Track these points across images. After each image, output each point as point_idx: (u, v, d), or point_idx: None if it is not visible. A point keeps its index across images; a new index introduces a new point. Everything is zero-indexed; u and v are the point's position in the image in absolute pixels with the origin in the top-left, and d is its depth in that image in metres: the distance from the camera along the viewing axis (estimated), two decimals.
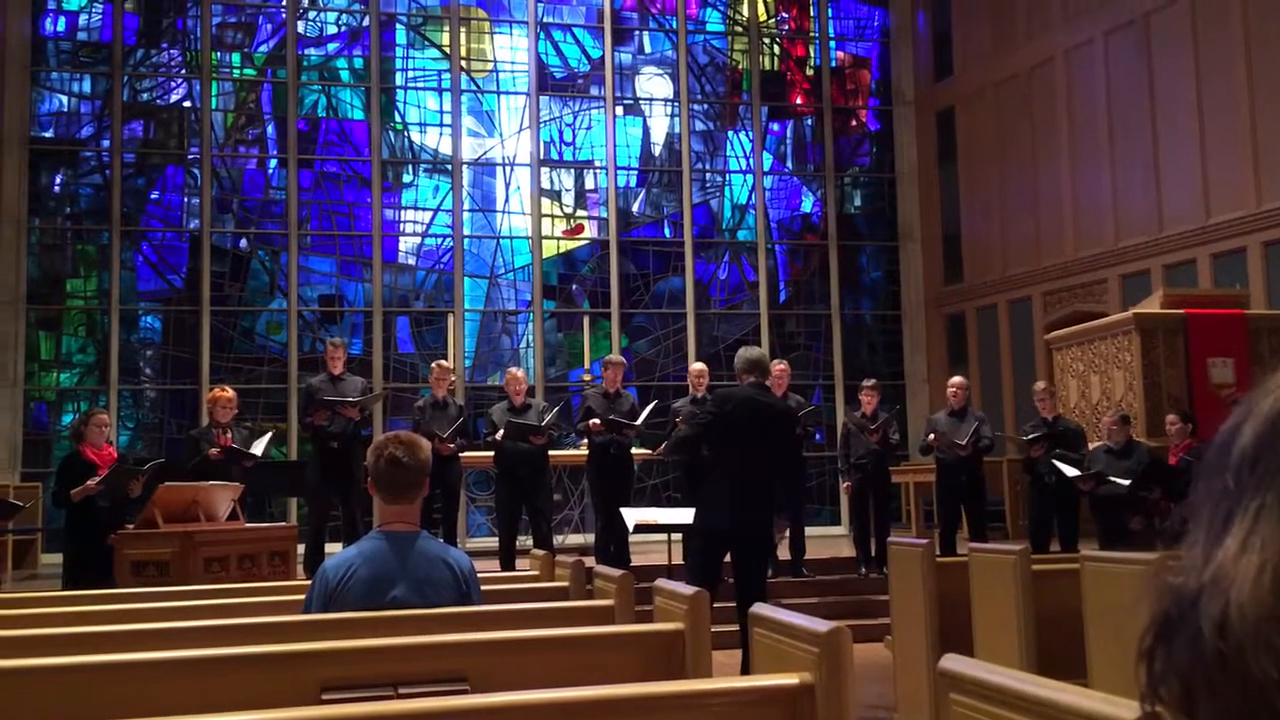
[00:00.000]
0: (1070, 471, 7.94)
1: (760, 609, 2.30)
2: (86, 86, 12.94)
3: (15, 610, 3.67)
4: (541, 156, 13.87)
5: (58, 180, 12.84)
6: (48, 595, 4.51)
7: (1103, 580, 4.11)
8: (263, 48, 13.45)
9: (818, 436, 12.26)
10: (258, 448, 7.93)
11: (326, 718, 1.87)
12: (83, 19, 12.96)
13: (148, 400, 12.76)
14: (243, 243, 13.13)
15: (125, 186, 12.78)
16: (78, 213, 12.84)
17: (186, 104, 13.16)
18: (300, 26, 13.46)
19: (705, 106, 14.54)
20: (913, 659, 5.06)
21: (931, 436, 8.86)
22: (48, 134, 12.77)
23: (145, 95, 13.15)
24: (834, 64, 14.95)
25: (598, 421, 8.42)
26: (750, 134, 14.53)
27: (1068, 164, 12.65)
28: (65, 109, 12.89)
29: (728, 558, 5.75)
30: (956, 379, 9.22)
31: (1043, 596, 4.50)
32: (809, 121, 14.84)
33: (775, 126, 14.77)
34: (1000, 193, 13.59)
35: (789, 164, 14.76)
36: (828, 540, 11.59)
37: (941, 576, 4.98)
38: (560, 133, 14.08)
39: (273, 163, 13.30)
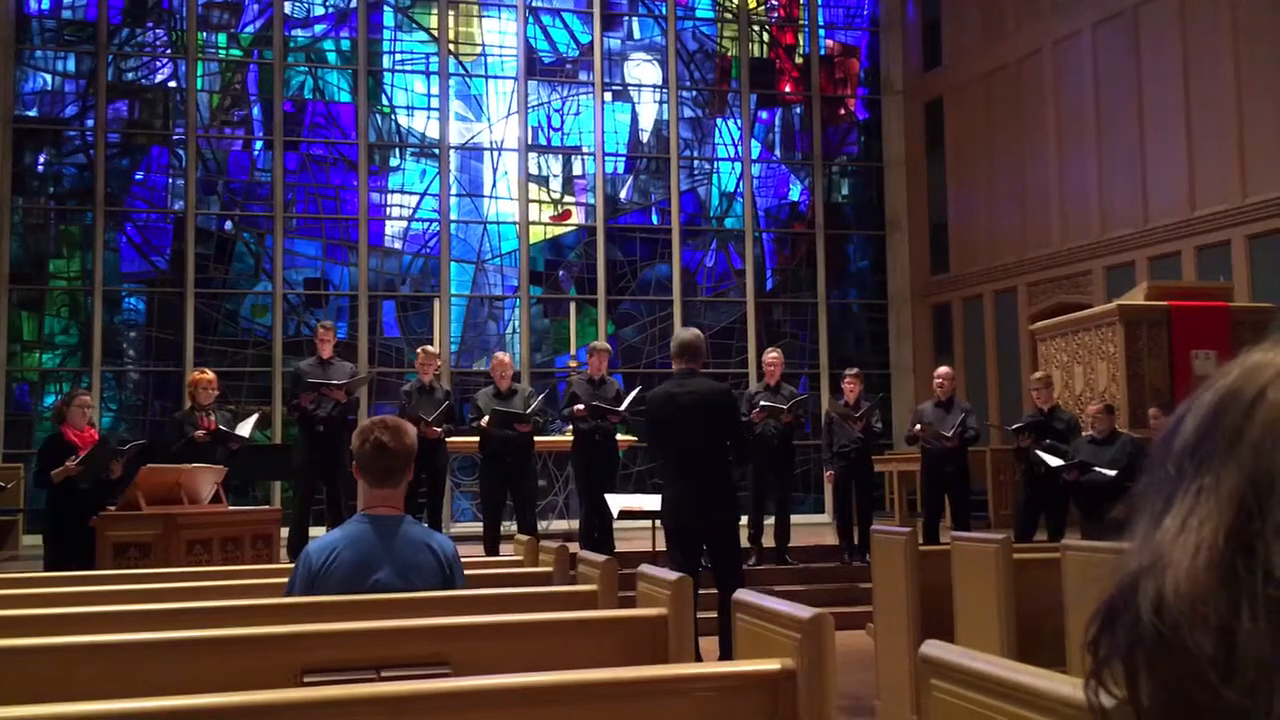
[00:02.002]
0: (1054, 461, 7.98)
1: (743, 595, 2.30)
2: (71, 65, 12.84)
3: None
4: (529, 142, 13.83)
5: (41, 160, 12.75)
6: (28, 576, 4.50)
7: (1083, 569, 4.13)
8: (249, 28, 13.36)
9: (805, 427, 12.27)
10: (243, 429, 7.90)
11: (307, 700, 1.87)
12: None
13: (131, 382, 12.70)
14: (228, 225, 13.07)
15: (109, 167, 12.69)
16: (61, 193, 12.76)
17: (172, 84, 13.07)
18: (287, 7, 13.37)
19: (694, 93, 14.52)
20: (895, 646, 5.09)
21: (918, 426, 8.89)
22: (31, 113, 12.67)
23: (130, 75, 13.05)
24: (823, 52, 14.94)
25: (582, 407, 8.41)
26: (739, 121, 14.52)
27: (1055, 155, 12.68)
28: (49, 88, 12.78)
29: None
30: (942, 369, 9.25)
31: (1024, 585, 4.53)
32: (797, 110, 14.83)
33: (764, 114, 14.76)
34: (987, 183, 13.62)
35: (777, 152, 14.75)
36: (811, 528, 11.62)
37: (924, 565, 5.00)
38: (548, 118, 14.04)
39: (258, 144, 13.23)
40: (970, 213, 13.93)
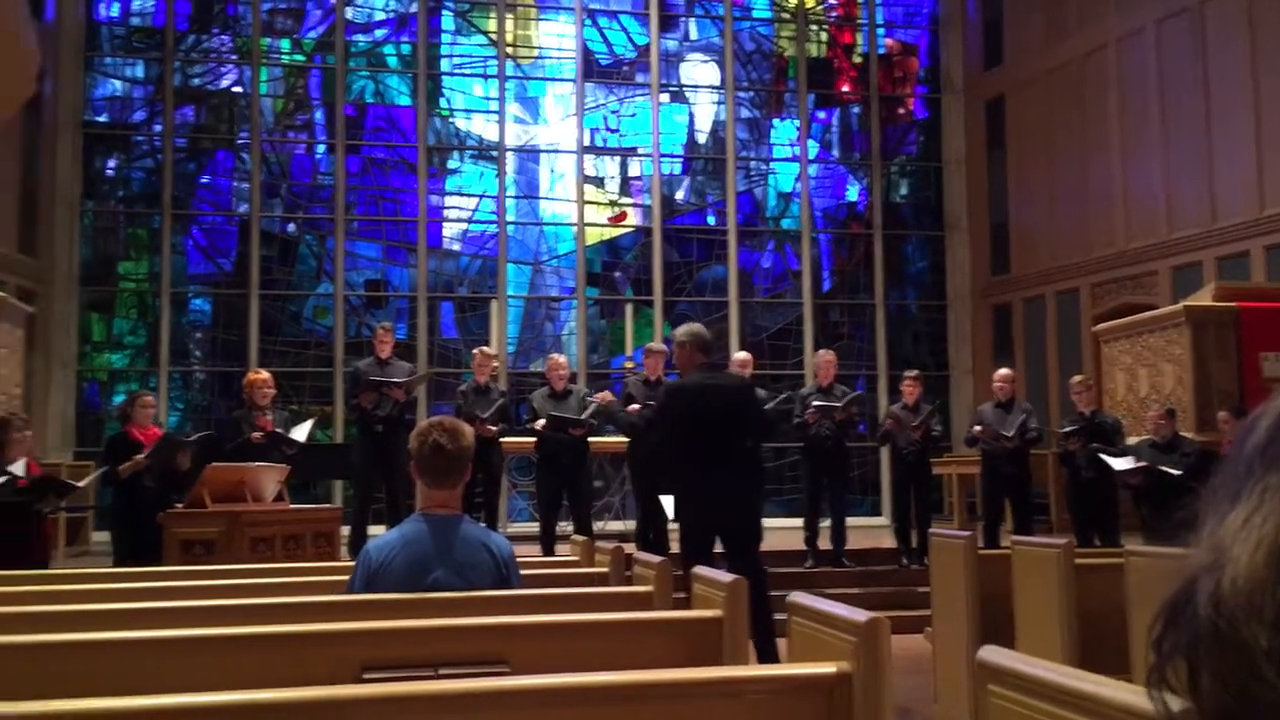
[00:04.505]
0: (1120, 465, 7.84)
1: (798, 597, 2.29)
2: (139, 71, 13.12)
3: (66, 586, 3.75)
4: (586, 143, 13.88)
5: (111, 164, 13.04)
6: (98, 571, 4.60)
7: (1147, 574, 4.06)
8: (311, 33, 13.56)
9: (861, 427, 12.20)
10: (300, 433, 7.97)
11: (367, 697, 1.90)
12: (136, 4, 13.12)
13: (197, 382, 12.94)
14: (290, 227, 13.27)
15: (176, 171, 12.96)
16: (130, 196, 13.04)
17: (236, 89, 13.31)
18: (348, 13, 13.55)
19: (751, 94, 14.47)
20: (953, 650, 5.04)
21: (978, 428, 8.80)
22: (101, 118, 12.97)
23: (196, 80, 13.31)
24: (882, 51, 14.81)
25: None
26: (796, 122, 14.45)
27: (1118, 153, 12.46)
28: (118, 93, 13.08)
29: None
30: (1003, 371, 9.15)
31: (1086, 590, 4.46)
32: (855, 109, 14.72)
33: (821, 114, 14.67)
34: (1049, 182, 13.41)
35: (835, 152, 14.66)
36: (869, 531, 11.53)
37: (983, 569, 4.94)
38: (605, 120, 14.08)
39: (321, 148, 13.42)
40: (1032, 212, 13.73)
